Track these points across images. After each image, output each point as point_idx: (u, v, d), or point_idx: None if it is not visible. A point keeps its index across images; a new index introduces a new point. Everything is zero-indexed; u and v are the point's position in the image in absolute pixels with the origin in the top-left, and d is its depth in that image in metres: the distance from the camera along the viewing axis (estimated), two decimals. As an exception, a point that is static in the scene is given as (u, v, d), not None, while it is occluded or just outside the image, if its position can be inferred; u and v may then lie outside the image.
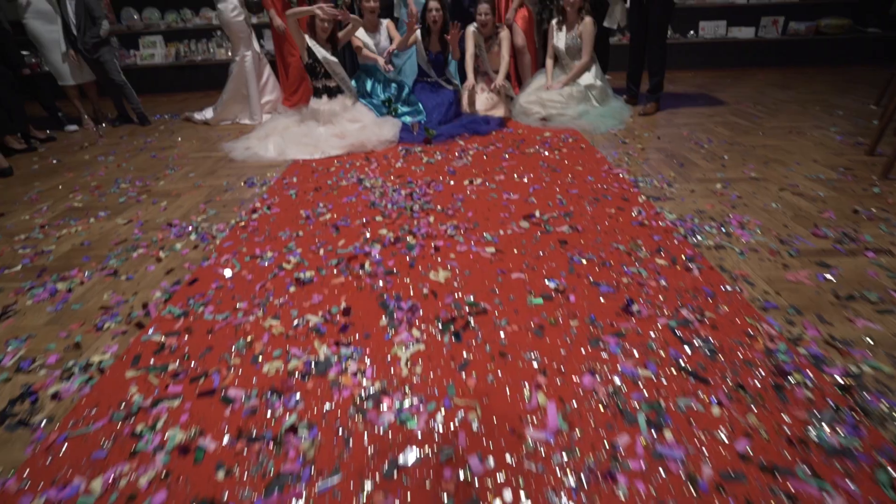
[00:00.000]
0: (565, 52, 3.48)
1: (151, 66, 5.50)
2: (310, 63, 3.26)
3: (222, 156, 3.13)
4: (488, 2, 3.37)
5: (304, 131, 3.18)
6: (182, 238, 2.02)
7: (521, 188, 2.34)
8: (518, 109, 3.50)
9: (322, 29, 3.16)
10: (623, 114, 3.46)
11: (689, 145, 2.95)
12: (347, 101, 3.35)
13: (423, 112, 3.43)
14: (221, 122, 3.99)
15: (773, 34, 5.62)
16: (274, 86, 4.08)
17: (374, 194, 2.32)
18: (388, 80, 3.62)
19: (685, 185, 2.36)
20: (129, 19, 5.67)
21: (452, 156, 2.85)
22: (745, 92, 4.41)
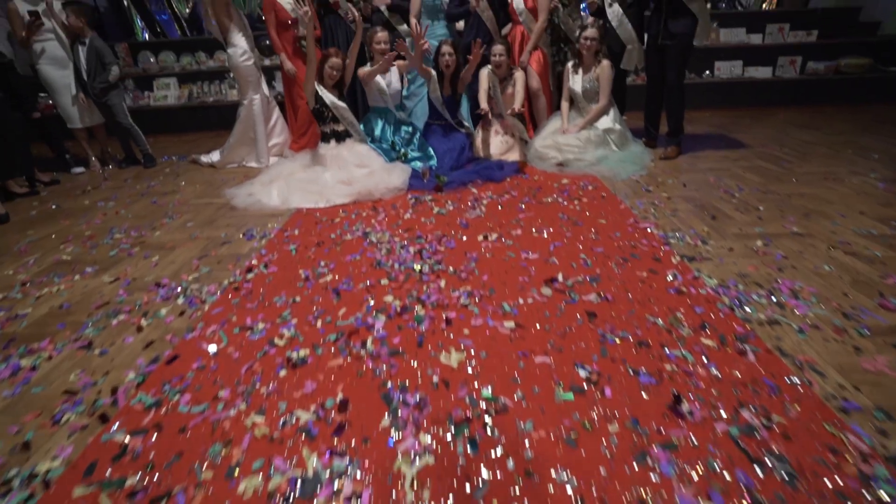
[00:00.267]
0: (582, 96, 3.35)
1: (164, 107, 5.53)
2: (317, 108, 3.16)
3: (224, 203, 2.99)
4: (503, 43, 3.28)
5: (309, 177, 3.05)
6: (169, 302, 1.85)
7: (541, 245, 2.15)
8: (533, 154, 3.35)
9: (330, 76, 3.08)
10: (644, 158, 3.29)
11: (719, 194, 2.75)
12: (356, 145, 3.24)
13: (434, 157, 3.30)
14: (228, 166, 3.90)
15: (790, 74, 5.51)
16: (282, 128, 4.00)
17: (380, 251, 2.13)
18: (398, 123, 3.51)
19: (721, 241, 2.14)
20: (145, 62, 5.75)
21: (465, 205, 2.68)
22: (768, 133, 4.24)
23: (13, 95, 3.63)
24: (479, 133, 3.51)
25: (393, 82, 3.41)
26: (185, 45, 5.79)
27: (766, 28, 5.59)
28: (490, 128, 3.49)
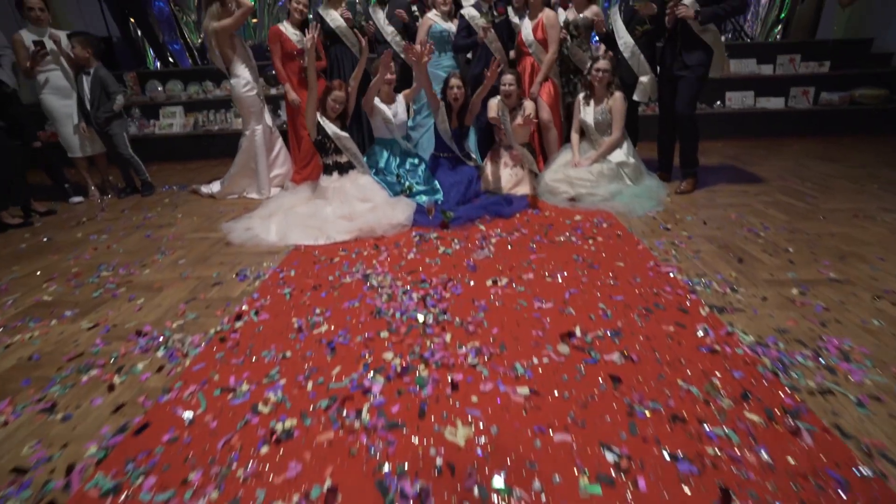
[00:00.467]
0: (594, 128, 3.24)
1: (169, 135, 5.50)
2: (319, 139, 3.06)
3: (220, 237, 2.86)
4: (513, 73, 3.19)
5: (310, 211, 2.92)
6: (147, 354, 1.68)
7: (555, 291, 1.98)
8: (544, 188, 3.21)
9: (332, 109, 2.99)
10: (659, 193, 3.14)
11: (742, 233, 2.59)
12: (359, 177, 3.12)
13: (440, 191, 3.17)
14: (228, 196, 3.79)
15: (803, 104, 5.41)
16: (285, 159, 3.91)
17: (380, 298, 1.97)
18: (404, 154, 3.40)
19: (752, 289, 1.96)
20: (153, 91, 5.76)
21: (472, 244, 2.53)
22: (785, 165, 4.09)
23: (14, 125, 3.58)
24: (488, 165, 3.39)
25: (399, 113, 3.31)
26: (193, 74, 5.80)
27: (776, 59, 5.52)
28: (499, 159, 3.37)
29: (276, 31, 3.59)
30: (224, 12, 3.38)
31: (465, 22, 3.35)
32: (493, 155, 3.41)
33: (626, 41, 3.34)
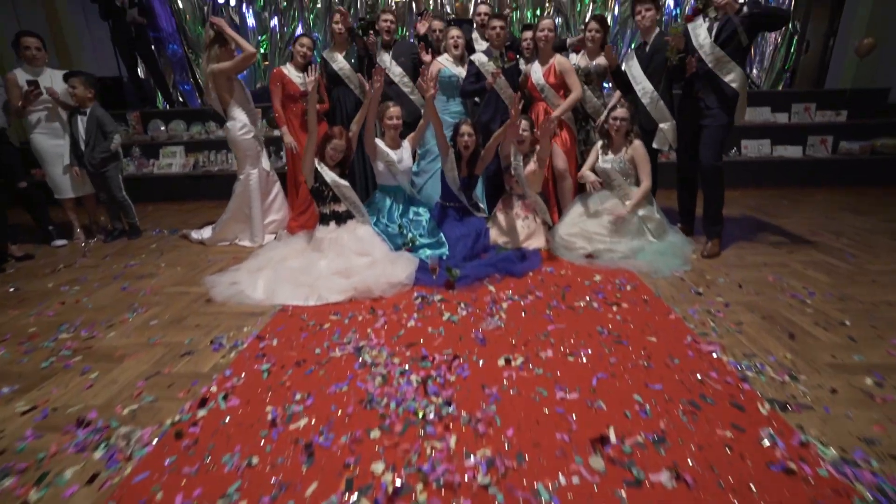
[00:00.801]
0: (613, 175, 2.99)
1: (167, 174, 5.35)
2: (316, 187, 2.84)
3: (201, 293, 2.59)
4: (526, 118, 2.99)
5: (303, 265, 2.66)
6: (83, 455, 1.37)
7: (579, 376, 1.67)
8: (559, 242, 2.95)
9: (331, 157, 2.79)
10: (685, 250, 2.86)
11: (786, 299, 2.29)
12: (358, 227, 2.88)
13: (446, 244, 2.91)
14: (219, 243, 3.55)
15: (822, 153, 5.23)
16: (281, 204, 3.69)
17: (373, 381, 1.66)
18: (408, 202, 3.17)
19: (815, 377, 1.65)
20: (155, 130, 5.67)
21: (481, 308, 2.24)
22: (813, 217, 3.84)
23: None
24: (498, 215, 3.15)
25: (405, 159, 3.11)
26: (197, 114, 5.72)
27: (791, 107, 5.39)
28: (510, 209, 3.13)
29: (278, 73, 3.46)
30: (224, 54, 3.26)
31: (475, 68, 3.20)
32: (503, 204, 3.18)
33: (645, 87, 3.16)
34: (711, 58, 2.79)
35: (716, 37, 2.78)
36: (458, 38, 3.29)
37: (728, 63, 2.75)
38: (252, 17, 7.90)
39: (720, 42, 2.76)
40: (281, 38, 7.82)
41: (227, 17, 7.75)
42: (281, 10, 7.81)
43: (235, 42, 3.21)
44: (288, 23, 7.95)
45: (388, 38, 3.50)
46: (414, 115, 3.54)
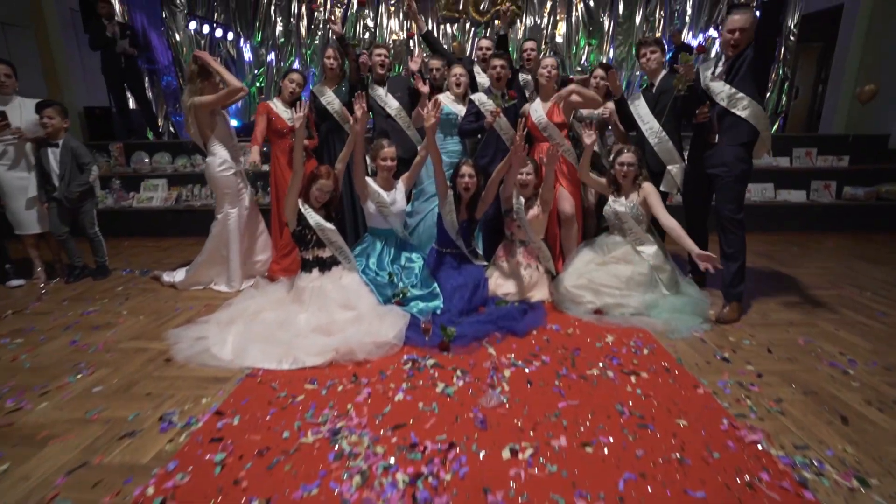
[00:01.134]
0: (625, 219, 2.76)
1: (147, 208, 5.07)
2: (299, 230, 2.58)
3: (162, 350, 2.28)
4: (531, 162, 2.78)
5: (279, 319, 2.37)
6: None
7: (602, 476, 1.37)
8: (564, 296, 2.68)
9: (316, 199, 2.55)
10: (702, 306, 2.60)
11: (824, 368, 2.03)
12: (344, 275, 2.61)
13: (440, 296, 2.64)
14: (192, 287, 3.24)
15: (826, 198, 5.10)
16: (265, 245, 3.42)
17: (350, 481, 1.35)
18: (399, 248, 2.92)
19: (889, 480, 1.36)
20: (138, 162, 5.43)
21: (480, 377, 1.94)
22: (828, 267, 3.63)
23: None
24: (498, 264, 2.89)
25: (398, 200, 2.87)
26: (183, 146, 5.51)
27: (792, 152, 5.31)
28: (511, 257, 2.88)
29: (264, 106, 3.26)
30: (208, 87, 3.05)
31: (475, 107, 3.02)
32: (503, 251, 2.93)
33: (652, 126, 2.99)
34: (723, 95, 2.62)
35: (730, 77, 2.62)
36: (461, 77, 3.13)
37: (743, 99, 2.57)
38: (249, 52, 7.89)
39: (735, 81, 2.60)
40: (277, 73, 7.77)
41: (224, 50, 7.75)
42: (278, 46, 7.81)
43: (220, 76, 3.02)
44: (285, 58, 7.94)
45: (383, 73, 3.33)
46: (410, 151, 3.34)
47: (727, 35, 2.58)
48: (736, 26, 2.52)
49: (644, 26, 7.56)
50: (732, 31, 2.54)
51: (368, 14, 7.57)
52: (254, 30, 7.78)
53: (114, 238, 4.83)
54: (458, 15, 7.35)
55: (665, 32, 7.69)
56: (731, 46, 2.58)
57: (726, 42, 2.60)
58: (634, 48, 7.69)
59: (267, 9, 7.68)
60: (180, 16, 7.48)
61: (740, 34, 2.52)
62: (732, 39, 2.55)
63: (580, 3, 7.52)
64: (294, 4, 7.65)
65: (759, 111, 2.56)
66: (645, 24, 7.55)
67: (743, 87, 2.57)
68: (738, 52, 2.57)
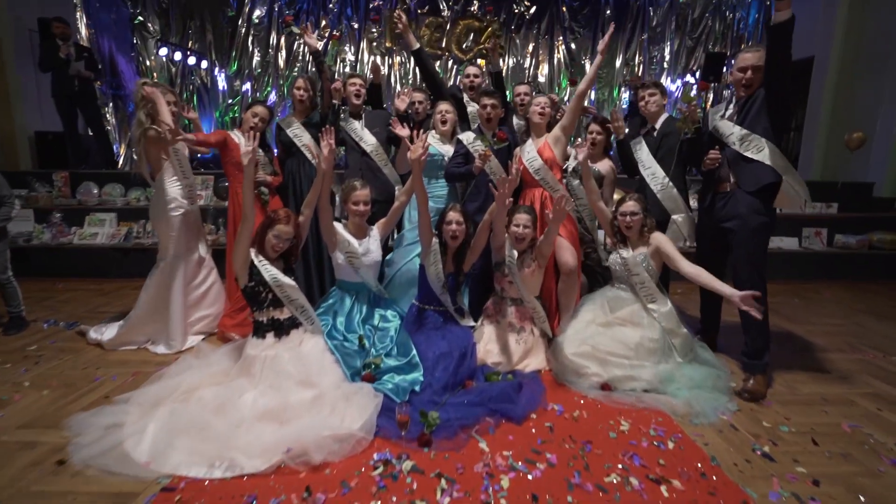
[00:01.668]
0: (635, 268, 2.42)
1: (90, 246, 4.51)
2: (250, 287, 2.15)
3: (57, 445, 1.76)
4: (528, 212, 2.44)
5: (219, 401, 1.89)
6: None
7: None
8: (565, 366, 2.29)
9: (273, 248, 2.14)
10: (723, 379, 2.23)
11: (888, 468, 1.68)
12: (305, 341, 2.17)
13: (419, 365, 2.20)
14: (123, 347, 2.72)
15: (818, 246, 4.96)
16: (217, 296, 2.94)
17: None
18: (373, 304, 2.51)
19: None
20: (85, 193, 4.90)
21: (471, 489, 1.51)
22: (835, 323, 3.38)
23: None
24: (486, 326, 2.50)
25: (372, 250, 2.48)
26: (138, 177, 5.02)
27: (779, 197, 5.19)
28: (501, 318, 2.49)
29: (223, 136, 2.85)
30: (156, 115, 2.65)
31: (464, 148, 2.69)
32: (493, 310, 2.54)
33: (655, 172, 2.72)
34: (733, 138, 2.36)
35: (741, 118, 2.38)
36: (447, 113, 2.79)
37: (756, 139, 2.29)
38: (224, 81, 7.55)
39: (746, 122, 2.35)
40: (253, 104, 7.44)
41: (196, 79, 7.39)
42: (255, 76, 7.50)
43: (161, 120, 2.58)
44: (261, 88, 7.63)
45: (358, 104, 2.99)
46: (386, 193, 2.97)
47: (738, 74, 2.35)
48: (748, 64, 2.30)
49: (624, 70, 7.62)
50: (744, 69, 2.31)
51: (349, 49, 7.38)
52: (230, 59, 7.48)
53: (46, 279, 4.26)
54: (441, 52, 7.24)
55: (645, 76, 7.78)
56: (742, 86, 2.35)
57: (737, 82, 2.37)
58: (619, 91, 7.68)
59: (244, 39, 7.42)
60: (151, 42, 7.17)
61: (753, 73, 2.29)
62: (744, 79, 2.32)
63: (561, 45, 7.55)
64: (273, 36, 7.42)
65: (775, 151, 2.29)
66: (625, 68, 7.61)
67: (755, 127, 2.31)
68: (751, 92, 2.34)
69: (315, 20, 7.19)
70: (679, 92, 7.43)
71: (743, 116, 2.36)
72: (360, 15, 7.27)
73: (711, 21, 7.49)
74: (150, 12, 7.13)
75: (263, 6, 7.23)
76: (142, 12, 7.05)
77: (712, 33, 7.48)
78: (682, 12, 7.43)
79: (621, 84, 7.59)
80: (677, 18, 7.45)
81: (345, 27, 7.27)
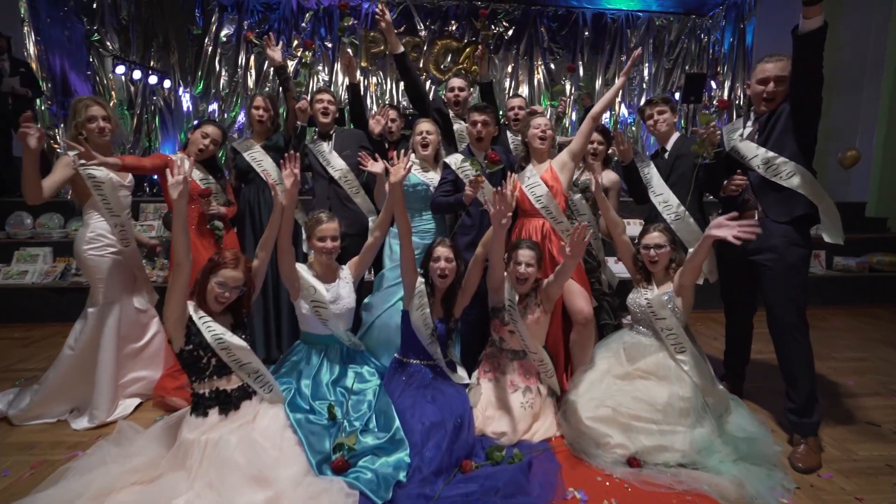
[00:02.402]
0: (660, 310, 2.04)
1: (17, 286, 3.92)
2: (188, 351, 1.69)
3: None
4: (532, 248, 2.04)
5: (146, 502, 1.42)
6: None
7: None
8: (581, 433, 1.87)
9: (216, 298, 1.71)
10: (767, 444, 1.86)
11: None
12: (261, 415, 1.72)
13: (405, 442, 1.76)
14: (34, 422, 2.18)
15: (818, 269, 4.77)
16: (156, 353, 2.43)
17: None
18: (345, 361, 2.08)
19: None
20: (15, 225, 4.33)
21: None
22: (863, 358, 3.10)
23: None
24: (483, 385, 2.08)
25: (343, 296, 2.06)
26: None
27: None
28: (500, 374, 2.09)
29: (163, 161, 2.40)
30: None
31: (452, 174, 2.32)
32: (490, 365, 2.13)
33: (668, 199, 2.40)
34: (757, 161, 2.06)
35: (762, 137, 2.08)
36: (429, 135, 2.42)
37: (785, 164, 1.99)
38: (189, 101, 7.08)
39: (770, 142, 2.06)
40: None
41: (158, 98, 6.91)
42: (222, 97, 7.06)
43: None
44: (229, 109, 7.19)
45: (327, 122, 2.59)
46: (358, 226, 2.56)
47: (757, 87, 2.06)
48: (769, 75, 2.00)
49: (603, 92, 7.52)
50: (765, 80, 2.02)
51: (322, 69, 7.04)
52: (195, 79, 7.04)
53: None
54: (418, 73, 6.98)
55: (624, 98, 7.70)
56: (763, 101, 2.06)
57: (757, 95, 2.08)
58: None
59: (211, 58, 7.01)
60: (109, 60, 6.70)
61: (775, 85, 2.00)
62: (765, 92, 2.03)
63: (541, 66, 7.42)
64: (241, 55, 7.03)
65: (807, 178, 2.00)
66: (604, 88, 7.51)
67: (781, 149, 2.02)
68: (773, 107, 2.05)
69: (287, 40, 6.87)
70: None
71: (766, 136, 2.07)
72: (333, 35, 6.98)
73: (687, 43, 7.51)
74: (109, 29, 6.68)
75: (231, 25, 6.89)
76: (99, 29, 6.59)
77: (689, 55, 7.50)
78: (659, 34, 7.45)
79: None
80: (654, 40, 7.46)
81: (318, 47, 6.96)
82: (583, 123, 2.26)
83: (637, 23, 7.45)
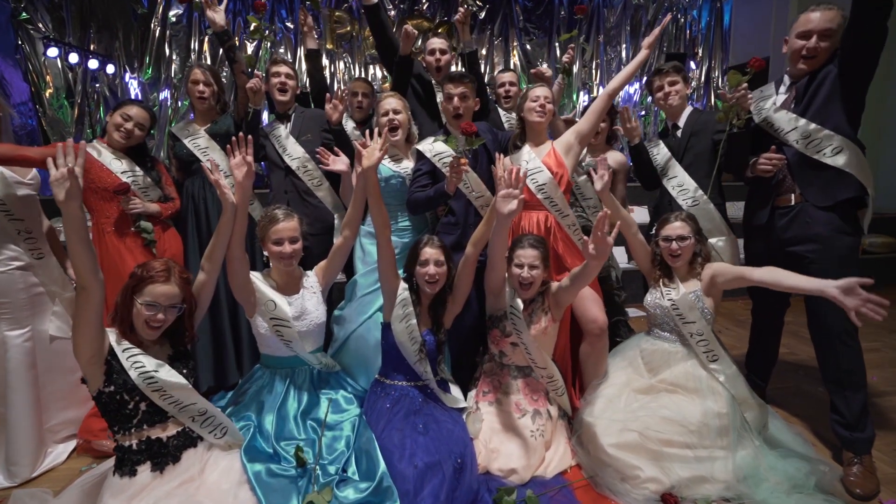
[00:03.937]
0: (686, 311, 1.75)
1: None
2: (108, 393, 1.29)
3: None
4: (537, 246, 1.70)
5: None
6: None
7: None
8: (603, 463, 1.57)
9: (146, 324, 1.32)
10: (818, 467, 1.60)
11: None
12: (210, 465, 1.36)
13: (393, 493, 1.41)
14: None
15: (808, 252, 4.64)
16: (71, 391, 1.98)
17: None
18: (316, 387, 1.71)
19: None
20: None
21: None
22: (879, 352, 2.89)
23: None
24: (481, 408, 1.75)
25: (309, 310, 1.69)
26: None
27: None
28: (503, 396, 1.76)
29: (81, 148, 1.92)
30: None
31: (428, 163, 1.93)
32: (489, 385, 1.80)
33: (684, 183, 2.11)
34: (795, 135, 1.77)
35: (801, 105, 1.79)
36: (396, 115, 1.99)
37: (830, 137, 1.71)
38: (137, 88, 6.44)
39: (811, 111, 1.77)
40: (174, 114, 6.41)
41: (101, 85, 6.26)
42: (173, 84, 6.45)
43: None
44: (182, 97, 6.58)
45: (285, 100, 2.17)
46: (323, 222, 2.16)
47: (797, 42, 1.75)
48: (814, 27, 1.69)
49: (582, 74, 7.27)
50: (807, 34, 1.71)
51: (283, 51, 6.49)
52: (143, 64, 6.40)
53: None
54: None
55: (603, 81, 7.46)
56: (802, 58, 1.75)
57: (795, 52, 1.76)
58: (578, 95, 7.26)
59: (160, 42, 6.38)
60: (40, 42, 6.01)
61: (819, 39, 1.69)
62: (806, 48, 1.72)
63: (517, 47, 7.12)
64: (194, 40, 6.43)
65: (856, 154, 1.72)
66: (583, 71, 7.27)
67: (824, 118, 1.73)
68: (815, 66, 1.75)
69: (243, 21, 6.32)
70: (637, 95, 7.18)
71: (805, 105, 1.78)
72: (294, 16, 6.46)
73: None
74: (39, 8, 6.00)
75: (180, 5, 6.27)
76: (27, 7, 5.91)
77: (666, 35, 7.34)
78: (636, 14, 7.26)
79: (579, 88, 7.25)
80: (632, 20, 7.27)
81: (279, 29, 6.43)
82: (595, 100, 1.93)
83: (614, 2, 7.24)
